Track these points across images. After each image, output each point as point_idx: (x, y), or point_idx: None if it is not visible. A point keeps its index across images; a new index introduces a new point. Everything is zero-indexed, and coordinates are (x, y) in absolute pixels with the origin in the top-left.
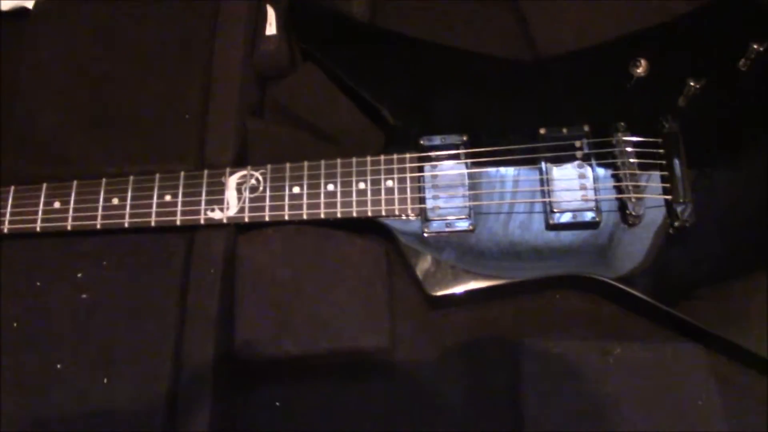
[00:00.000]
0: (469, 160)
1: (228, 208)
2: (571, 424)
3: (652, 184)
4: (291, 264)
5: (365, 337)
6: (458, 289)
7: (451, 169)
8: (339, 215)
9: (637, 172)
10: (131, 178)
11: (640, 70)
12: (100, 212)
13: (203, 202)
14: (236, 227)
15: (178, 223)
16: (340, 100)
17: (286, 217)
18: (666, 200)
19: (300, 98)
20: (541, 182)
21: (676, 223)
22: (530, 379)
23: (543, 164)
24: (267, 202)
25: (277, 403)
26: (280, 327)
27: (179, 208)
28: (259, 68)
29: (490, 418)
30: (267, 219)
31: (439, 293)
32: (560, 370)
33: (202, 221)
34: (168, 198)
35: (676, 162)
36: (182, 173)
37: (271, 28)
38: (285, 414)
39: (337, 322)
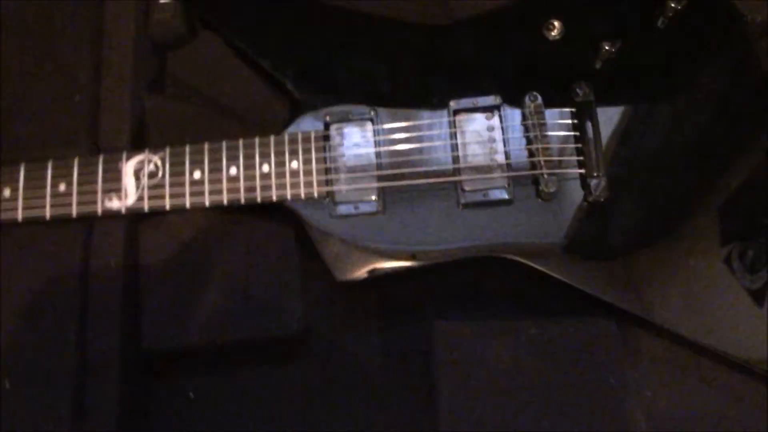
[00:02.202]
0: (377, 138)
1: (126, 197)
2: (485, 404)
3: (566, 157)
4: (197, 251)
5: (277, 324)
6: (367, 273)
7: (358, 147)
8: (243, 201)
9: (550, 145)
10: (22, 166)
11: (554, 33)
12: None
13: (99, 191)
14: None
15: (74, 214)
16: (242, 72)
17: (188, 205)
18: (580, 174)
19: (200, 70)
20: (453, 159)
21: (590, 198)
22: (444, 361)
23: (453, 140)
24: (167, 189)
25: (191, 394)
26: (188, 316)
27: (74, 197)
28: (154, 38)
29: (408, 391)
30: (168, 208)
31: (348, 278)
32: (474, 351)
33: (99, 212)
34: (62, 187)
35: (590, 133)
36: (76, 159)
37: None
38: (200, 404)
39: (247, 309)
